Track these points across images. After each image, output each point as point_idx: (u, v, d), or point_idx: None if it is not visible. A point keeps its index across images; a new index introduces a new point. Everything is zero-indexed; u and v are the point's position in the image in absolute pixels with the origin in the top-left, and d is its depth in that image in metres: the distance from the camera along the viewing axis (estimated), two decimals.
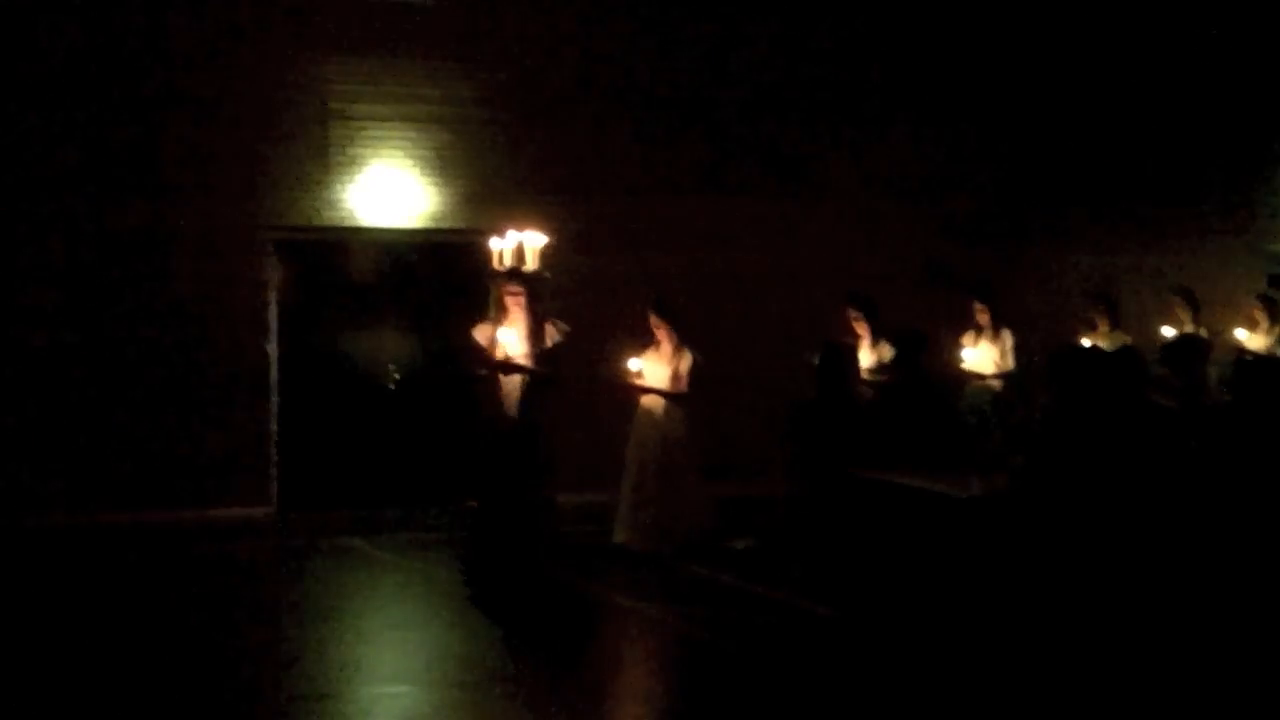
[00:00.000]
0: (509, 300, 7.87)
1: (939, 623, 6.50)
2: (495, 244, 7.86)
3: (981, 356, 9.94)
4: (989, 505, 6.69)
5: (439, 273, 10.89)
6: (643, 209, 11.31)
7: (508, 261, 7.76)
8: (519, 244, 7.85)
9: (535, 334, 7.88)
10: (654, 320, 8.91)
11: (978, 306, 10.11)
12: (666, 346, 8.88)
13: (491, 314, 7.89)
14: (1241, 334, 11.28)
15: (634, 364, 8.78)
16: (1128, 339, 10.14)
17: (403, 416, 10.81)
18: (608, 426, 9.21)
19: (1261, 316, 11.15)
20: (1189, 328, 10.74)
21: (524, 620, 7.29)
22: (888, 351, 9.26)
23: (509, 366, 7.85)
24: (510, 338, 7.86)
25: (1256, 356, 10.67)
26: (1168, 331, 10.62)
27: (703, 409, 8.99)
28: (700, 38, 11.56)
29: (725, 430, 10.44)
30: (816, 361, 8.83)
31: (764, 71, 11.72)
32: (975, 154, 12.28)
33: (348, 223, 10.64)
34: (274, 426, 10.59)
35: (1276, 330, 11.12)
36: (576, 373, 8.73)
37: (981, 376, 9.95)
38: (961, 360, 9.93)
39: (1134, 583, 5.97)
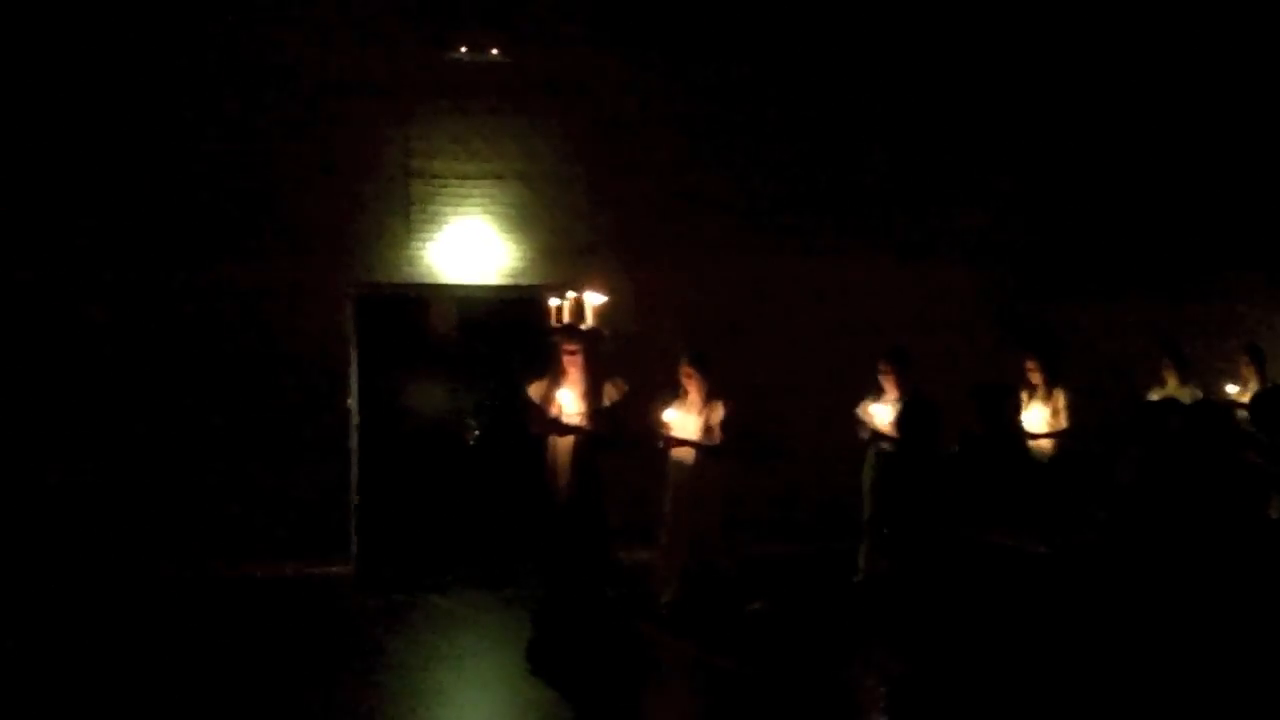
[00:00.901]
0: (565, 358, 7.81)
1: (1025, 678, 6.32)
2: (554, 301, 7.80)
3: (1034, 416, 9.56)
4: (1075, 562, 6.51)
5: (518, 329, 10.84)
6: (724, 267, 11.20)
7: (565, 319, 7.69)
8: (577, 301, 7.78)
9: (592, 393, 7.77)
10: (686, 371, 8.75)
11: (1030, 364, 9.79)
12: (696, 398, 8.70)
13: (550, 372, 7.83)
14: None
15: (667, 416, 8.63)
16: (1199, 393, 10.00)
17: (482, 472, 10.76)
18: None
19: None
20: (1254, 384, 10.39)
21: (593, 679, 7.28)
22: None
23: (561, 426, 7.76)
24: (567, 396, 7.78)
25: None
26: (1231, 388, 10.37)
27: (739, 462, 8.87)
28: (781, 99, 11.45)
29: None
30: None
31: (844, 132, 11.60)
32: (1044, 211, 12.05)
33: (428, 279, 10.69)
34: (354, 481, 10.62)
35: None
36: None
37: (1034, 436, 9.58)
38: None
39: (1224, 642, 5.72)
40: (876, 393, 9.41)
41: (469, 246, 10.70)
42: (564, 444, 7.82)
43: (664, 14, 11.14)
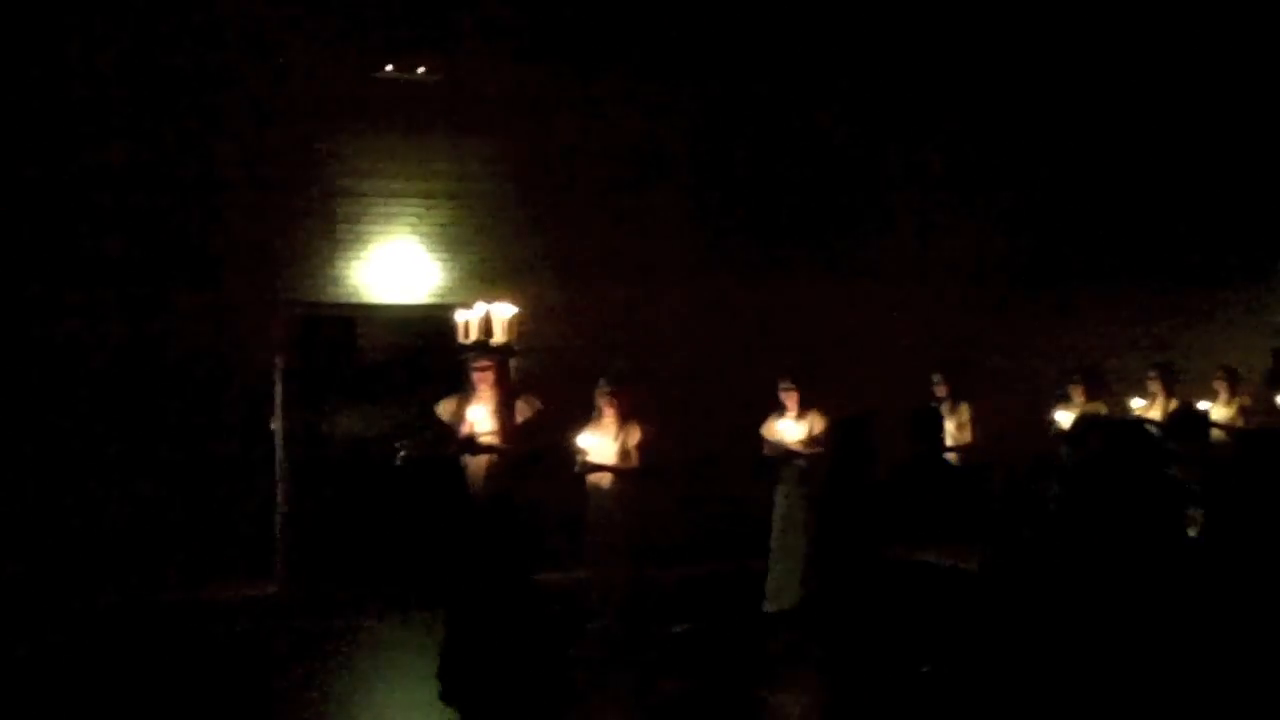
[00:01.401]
0: (476, 376, 7.50)
1: (957, 694, 6.37)
2: (462, 316, 7.60)
3: None
4: (999, 578, 6.54)
5: (446, 349, 10.76)
6: (652, 287, 11.27)
7: (474, 334, 7.52)
8: (487, 315, 7.52)
9: (504, 410, 7.49)
10: (602, 393, 8.60)
11: (936, 378, 10.01)
12: (613, 421, 8.55)
13: (460, 390, 7.57)
14: (1204, 405, 11.08)
15: (581, 440, 8.42)
16: (1104, 410, 10.21)
17: (409, 493, 10.64)
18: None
19: (1223, 387, 11.12)
20: (1161, 400, 10.70)
21: (508, 703, 7.11)
22: (819, 424, 9.27)
23: (474, 445, 7.44)
24: (479, 414, 7.45)
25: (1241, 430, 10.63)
26: (1137, 403, 10.66)
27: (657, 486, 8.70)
28: (714, 116, 11.55)
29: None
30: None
31: (778, 152, 11.72)
32: (997, 233, 12.27)
33: (355, 299, 10.60)
34: (280, 503, 10.47)
35: (1236, 401, 11.05)
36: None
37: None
38: None
39: (1146, 658, 5.67)
40: (780, 411, 9.43)
41: (398, 266, 10.63)
42: (477, 464, 7.51)
43: (597, 34, 11.17)
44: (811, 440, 9.31)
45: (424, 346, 10.79)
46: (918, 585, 7.74)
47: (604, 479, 8.48)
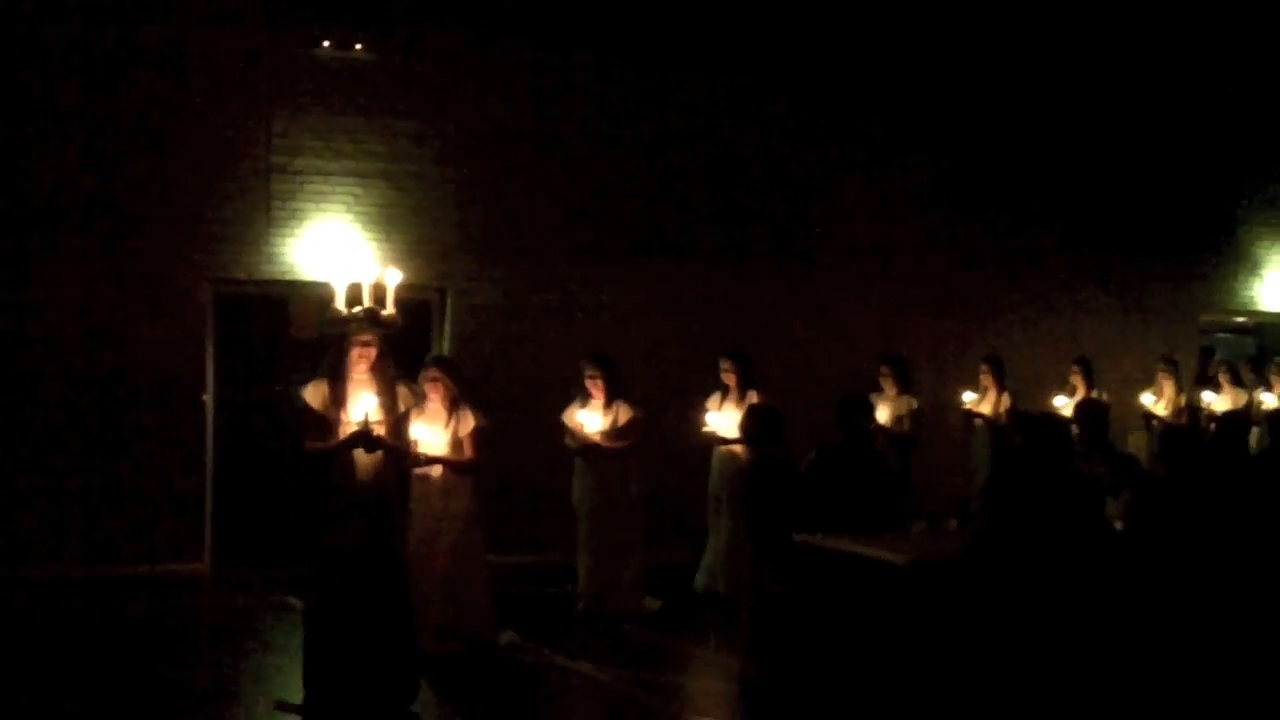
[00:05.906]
0: (355, 352, 6.32)
1: (880, 688, 6.40)
2: (339, 280, 6.49)
3: (725, 418, 9.33)
4: (929, 571, 6.48)
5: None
6: (587, 271, 11.21)
7: (340, 305, 6.43)
8: (377, 283, 6.44)
9: (389, 397, 6.38)
10: (432, 374, 7.69)
11: (725, 365, 9.54)
12: (439, 408, 7.69)
13: (331, 371, 6.36)
14: (1148, 399, 11.36)
15: (413, 430, 7.32)
16: (914, 402, 10.39)
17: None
18: None
19: (1168, 381, 11.24)
20: (993, 394, 10.90)
21: None
22: (624, 414, 8.85)
23: (373, 441, 6.23)
24: (370, 403, 6.25)
25: (1174, 426, 10.69)
26: (969, 396, 10.90)
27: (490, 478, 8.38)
28: (655, 99, 11.48)
29: None
30: (753, 425, 8.56)
31: (717, 137, 11.70)
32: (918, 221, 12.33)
33: (288, 276, 10.52)
34: (209, 482, 10.47)
35: (1183, 396, 11.14)
36: None
37: (727, 441, 9.43)
38: None
39: (1073, 654, 5.70)
40: (584, 399, 8.95)
41: (331, 244, 10.54)
42: (367, 462, 6.33)
43: (531, 16, 11.09)
44: (615, 432, 8.81)
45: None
46: (831, 573, 7.54)
47: (434, 471, 7.66)
